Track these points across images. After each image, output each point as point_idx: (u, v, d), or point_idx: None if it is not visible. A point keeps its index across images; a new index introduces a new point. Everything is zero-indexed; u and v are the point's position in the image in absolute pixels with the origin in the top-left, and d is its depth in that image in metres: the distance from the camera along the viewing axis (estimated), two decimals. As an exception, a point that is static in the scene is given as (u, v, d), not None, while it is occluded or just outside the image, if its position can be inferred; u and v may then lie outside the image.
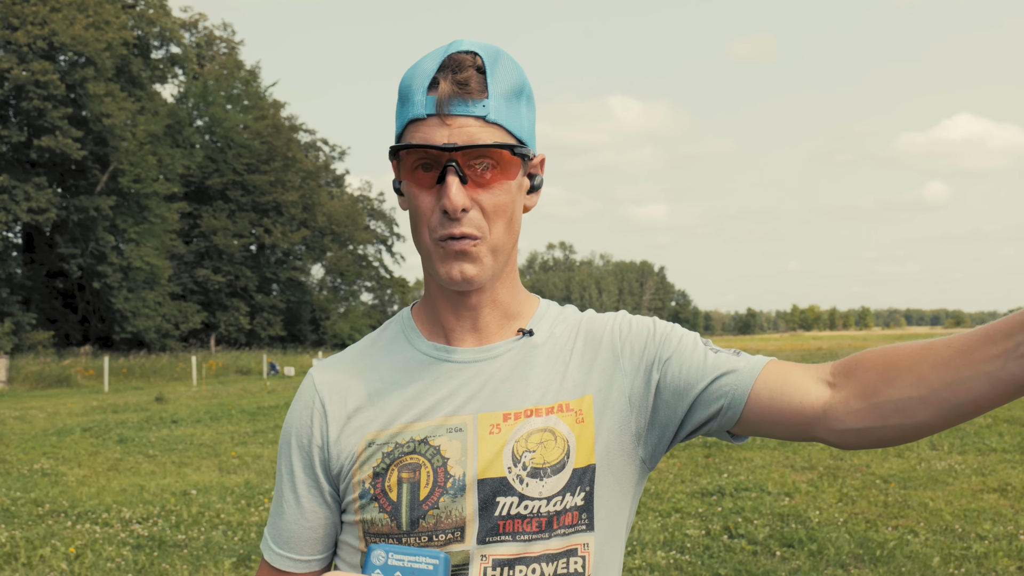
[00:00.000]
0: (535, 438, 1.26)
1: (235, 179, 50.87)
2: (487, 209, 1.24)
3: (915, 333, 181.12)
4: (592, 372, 1.32)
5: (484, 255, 1.26)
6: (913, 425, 1.12)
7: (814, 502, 8.53)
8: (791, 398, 1.21)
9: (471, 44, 1.25)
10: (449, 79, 1.21)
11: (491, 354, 1.33)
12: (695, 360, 1.28)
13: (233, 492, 9.70)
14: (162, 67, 47.16)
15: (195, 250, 50.32)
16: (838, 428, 1.17)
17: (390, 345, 1.39)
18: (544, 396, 1.29)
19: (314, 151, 62.20)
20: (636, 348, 1.32)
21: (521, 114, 1.26)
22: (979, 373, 1.05)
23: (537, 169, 1.33)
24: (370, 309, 66.66)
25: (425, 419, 1.29)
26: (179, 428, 16.26)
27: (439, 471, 1.26)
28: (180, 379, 34.26)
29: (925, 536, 7.16)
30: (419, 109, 1.22)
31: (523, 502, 1.24)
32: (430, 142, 1.21)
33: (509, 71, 1.25)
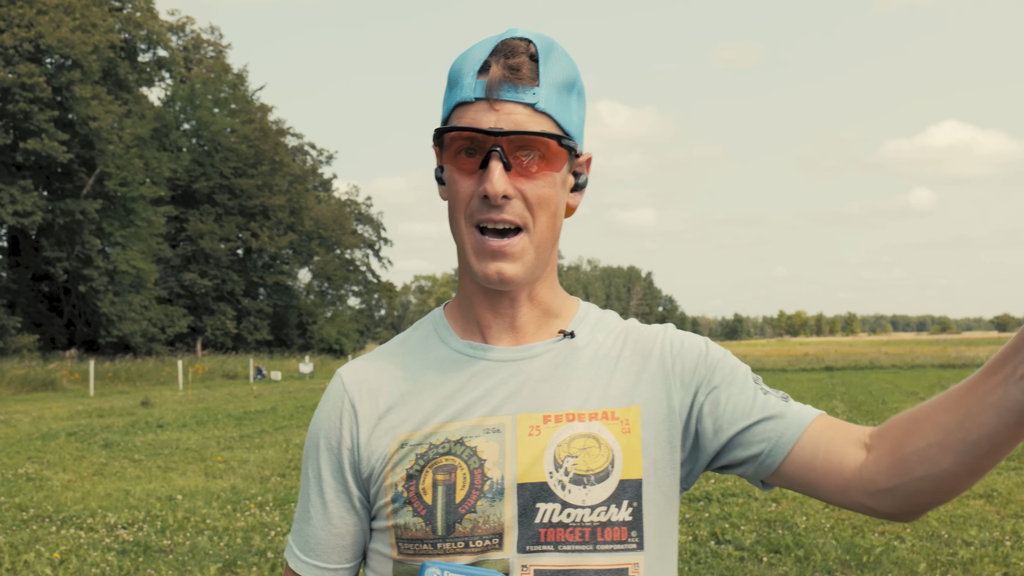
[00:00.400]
0: (578, 443, 1.21)
1: (222, 183, 50.74)
2: (530, 199, 1.20)
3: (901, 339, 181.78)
4: (640, 383, 1.27)
5: (526, 251, 1.22)
6: (938, 475, 1.09)
7: (801, 508, 8.54)
8: (832, 457, 1.18)
9: (526, 32, 1.22)
10: (501, 63, 1.18)
11: (529, 353, 1.28)
12: (744, 396, 1.25)
13: (219, 497, 9.66)
14: (149, 70, 47.02)
15: (182, 254, 50.15)
16: (870, 490, 1.15)
17: (422, 344, 1.34)
18: (587, 401, 1.24)
19: (301, 155, 62.11)
20: (687, 366, 1.28)
21: (571, 108, 1.23)
22: (985, 406, 1.04)
23: (583, 168, 1.29)
24: (357, 314, 66.56)
25: (461, 419, 1.24)
26: (165, 433, 16.19)
27: (476, 473, 1.20)
28: (166, 383, 34.12)
29: (911, 542, 7.17)
30: (467, 92, 1.19)
31: (565, 509, 1.19)
32: (476, 125, 1.18)
33: (562, 63, 1.22)
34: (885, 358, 47.22)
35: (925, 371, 38.37)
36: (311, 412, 20.39)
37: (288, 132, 59.29)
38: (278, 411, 20.75)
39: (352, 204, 66.93)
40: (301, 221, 54.99)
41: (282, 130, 58.03)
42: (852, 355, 52.67)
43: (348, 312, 63.70)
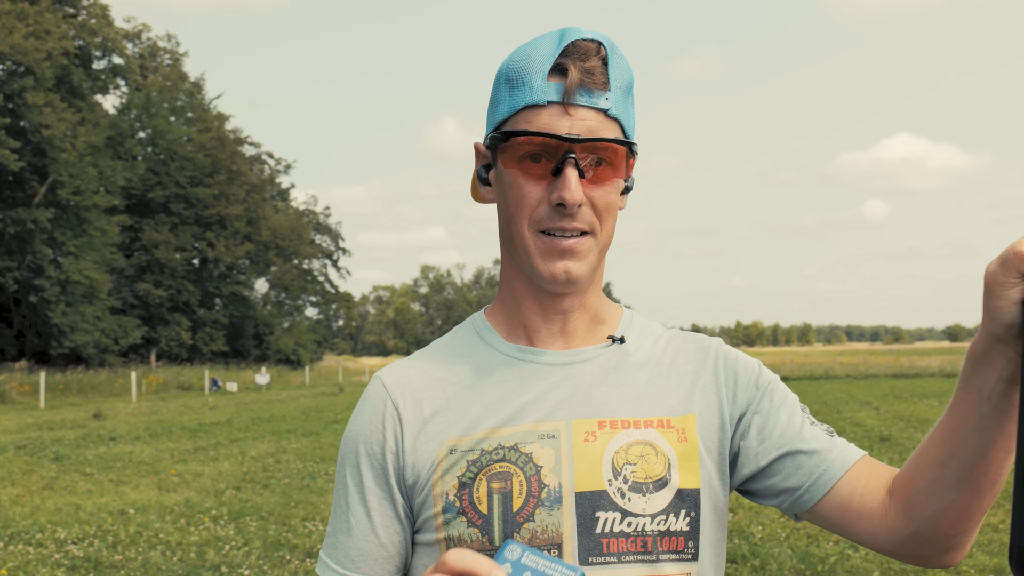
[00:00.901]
0: (635, 450, 1.18)
1: (178, 192, 50.25)
2: (599, 206, 1.18)
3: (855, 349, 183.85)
4: (694, 392, 1.25)
5: (591, 251, 1.20)
6: (949, 507, 1.09)
7: (757, 518, 8.58)
8: (866, 502, 1.17)
9: (591, 32, 1.18)
10: (578, 67, 1.14)
11: (580, 358, 1.25)
12: (792, 423, 1.23)
13: (172, 511, 9.53)
14: (104, 78, 46.45)
15: (136, 264, 49.58)
16: (897, 537, 1.14)
17: (464, 348, 1.30)
18: (641, 408, 1.22)
19: (259, 164, 61.69)
20: (740, 382, 1.26)
21: (631, 112, 1.21)
22: (968, 432, 1.04)
23: (631, 171, 1.27)
24: (315, 324, 66.16)
25: (513, 424, 1.20)
26: (117, 445, 15.96)
27: (532, 480, 1.16)
28: (119, 395, 33.66)
29: (864, 552, 7.23)
30: (539, 95, 1.15)
31: (626, 518, 1.15)
32: (551, 131, 1.14)
33: (624, 65, 1.20)
34: (840, 368, 47.75)
35: (879, 381, 38.86)
36: (267, 424, 20.23)
37: (245, 141, 58.90)
38: (234, 423, 20.53)
39: (310, 214, 66.57)
40: (258, 231, 54.59)
41: (239, 139, 57.62)
42: (808, 365, 53.19)
43: (306, 323, 63.29)
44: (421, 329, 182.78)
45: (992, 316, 0.95)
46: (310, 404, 28.17)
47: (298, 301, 62.70)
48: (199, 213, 51.28)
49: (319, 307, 67.82)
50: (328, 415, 22.99)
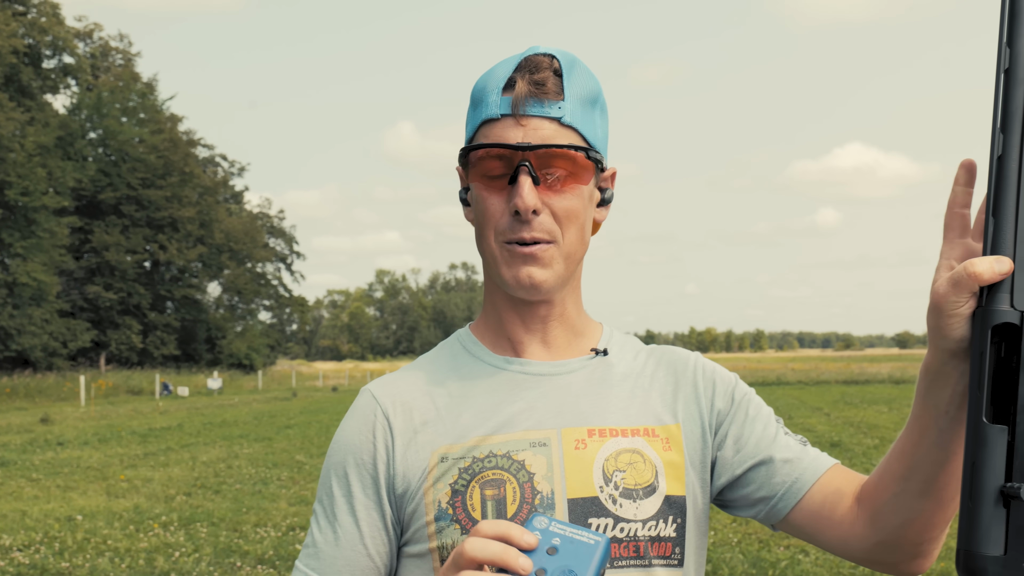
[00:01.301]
0: (624, 458, 1.21)
1: (129, 193, 49.67)
2: (559, 213, 1.19)
3: (807, 355, 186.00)
4: (677, 402, 1.29)
5: (555, 260, 1.21)
6: (913, 517, 1.11)
7: (708, 522, 8.64)
8: (836, 509, 1.19)
9: (549, 48, 1.23)
10: (526, 79, 1.18)
11: (566, 368, 1.28)
12: (767, 433, 1.26)
13: (121, 517, 9.39)
14: (54, 77, 45.83)
15: (86, 266, 48.92)
16: (866, 544, 1.16)
17: (451, 361, 1.32)
18: (627, 417, 1.25)
19: (212, 166, 61.17)
20: (718, 393, 1.30)
21: (595, 122, 1.23)
22: (929, 446, 1.06)
23: (608, 183, 1.29)
24: (268, 328, 65.66)
25: (504, 432, 1.22)
26: (65, 450, 15.72)
27: (526, 487, 1.18)
28: (67, 399, 33.16)
29: (815, 556, 7.30)
30: (493, 109, 1.19)
31: (619, 524, 1.17)
32: (503, 141, 1.18)
33: (586, 77, 1.23)
34: (792, 374, 48.30)
35: (830, 387, 39.30)
36: (219, 429, 20.04)
37: (199, 143, 58.37)
38: (185, 428, 20.31)
39: (264, 217, 66.12)
40: (211, 234, 54.11)
41: (193, 141, 57.10)
42: (760, 371, 53.72)
43: (259, 327, 62.81)
44: (376, 334, 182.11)
45: (943, 334, 0.95)
46: (263, 409, 27.94)
47: (251, 305, 62.26)
48: (151, 215, 50.73)
49: (272, 311, 67.35)
50: (281, 420, 22.82)
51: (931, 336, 0.97)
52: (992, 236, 0.90)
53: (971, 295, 0.92)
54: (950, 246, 0.97)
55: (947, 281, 0.92)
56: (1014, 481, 0.87)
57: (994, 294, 0.91)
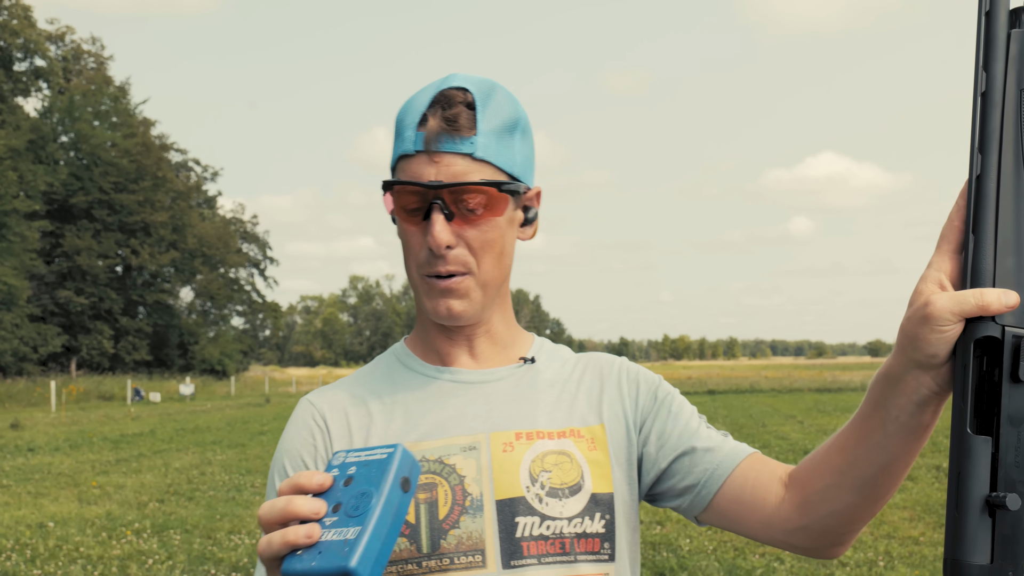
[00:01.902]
0: (551, 459, 1.25)
1: (101, 198, 49.29)
2: (474, 245, 1.23)
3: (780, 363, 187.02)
4: (601, 404, 1.33)
5: (472, 290, 1.26)
6: (843, 509, 1.14)
7: (684, 530, 8.67)
8: (756, 493, 1.23)
9: (464, 79, 1.25)
10: (438, 115, 1.21)
11: (494, 376, 1.33)
12: (688, 427, 1.31)
13: (93, 524, 9.32)
14: (25, 80, 45.44)
15: (57, 270, 48.48)
16: (787, 528, 1.20)
17: (386, 372, 1.37)
18: (553, 420, 1.29)
19: (185, 171, 60.82)
20: (642, 393, 1.35)
21: (514, 149, 1.25)
22: (870, 447, 1.08)
23: (532, 202, 1.32)
24: (241, 334, 65.30)
25: (435, 437, 1.27)
26: (36, 456, 15.58)
27: (456, 489, 1.23)
28: (37, 405, 32.84)
29: (790, 563, 7.35)
30: (408, 145, 1.23)
31: (545, 522, 1.22)
32: (418, 179, 1.21)
33: (502, 106, 1.25)
34: (765, 382, 48.49)
35: (802, 395, 39.55)
36: (192, 435, 19.91)
37: (172, 147, 58.02)
38: (157, 434, 20.17)
39: (237, 222, 65.76)
40: (184, 238, 53.77)
41: (165, 145, 56.75)
42: (733, 379, 53.94)
43: (232, 332, 62.46)
44: (349, 340, 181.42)
45: (919, 345, 0.96)
46: (236, 415, 27.78)
47: (224, 310, 61.89)
48: (123, 219, 50.37)
49: (245, 316, 66.98)
50: (254, 426, 22.70)
51: (904, 344, 0.98)
52: (973, 253, 0.93)
53: (962, 317, 0.93)
54: (942, 259, 0.97)
55: (951, 300, 0.92)
56: (999, 491, 0.88)
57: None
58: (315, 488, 0.95)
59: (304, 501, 0.93)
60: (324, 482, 0.95)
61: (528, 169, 1.29)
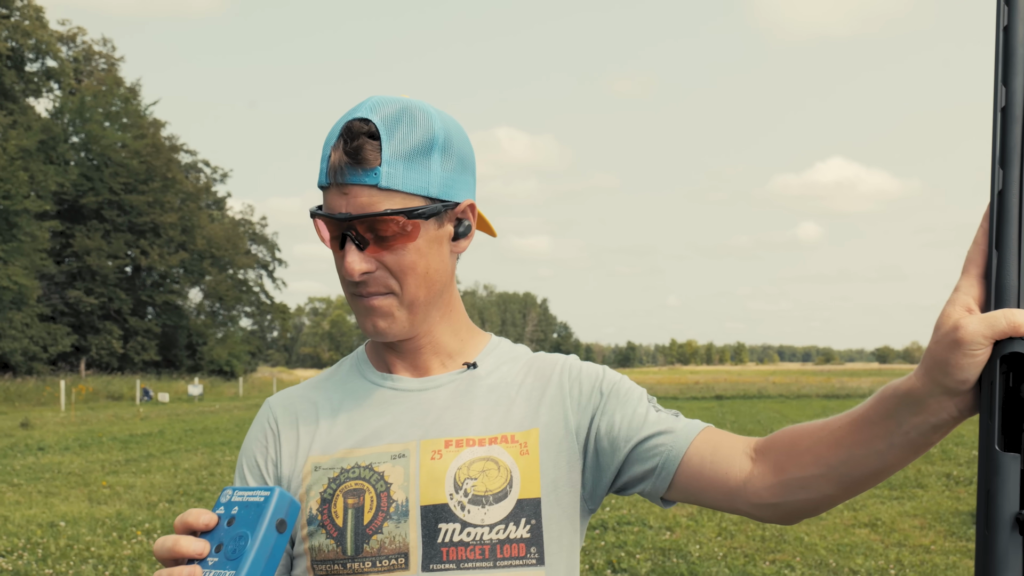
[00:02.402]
0: (477, 466, 1.28)
1: (111, 198, 49.41)
2: (393, 269, 1.26)
3: (787, 369, 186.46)
4: (540, 407, 1.35)
5: (395, 310, 1.29)
6: (820, 498, 1.17)
7: (694, 536, 8.67)
8: (718, 467, 1.24)
9: (372, 106, 1.26)
10: (340, 149, 1.23)
11: (434, 384, 1.36)
12: (637, 415, 1.32)
13: (104, 524, 9.35)
14: (37, 80, 45.59)
15: (67, 270, 48.61)
16: (756, 502, 1.21)
17: (345, 375, 1.43)
18: (487, 426, 1.32)
19: (195, 172, 60.92)
20: (584, 391, 1.36)
21: (430, 170, 1.26)
22: (869, 452, 1.09)
23: (465, 215, 1.33)
24: (249, 335, 65.37)
25: (368, 445, 1.32)
26: (46, 456, 15.63)
27: (382, 496, 1.27)
28: (47, 404, 32.94)
29: (801, 570, 7.34)
30: (321, 178, 1.27)
31: (465, 528, 1.25)
32: (331, 210, 1.25)
33: (412, 130, 1.25)
34: (773, 387, 48.40)
35: (811, 401, 39.43)
36: (200, 435, 19.96)
37: (182, 148, 58.13)
38: (166, 434, 20.21)
39: (246, 223, 65.87)
40: (193, 239, 53.86)
41: (175, 146, 56.87)
42: (741, 384, 53.82)
43: (240, 333, 62.51)
44: (356, 342, 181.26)
45: (949, 371, 0.95)
46: (244, 416, 27.81)
47: (232, 311, 61.96)
48: (132, 220, 50.49)
49: (254, 318, 67.05)
50: (263, 428, 22.70)
51: (932, 368, 0.97)
52: (997, 269, 0.93)
53: (993, 340, 0.93)
54: (969, 282, 0.96)
55: (982, 323, 0.92)
56: None
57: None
58: (201, 528, 1.03)
59: (189, 542, 1.01)
60: (209, 522, 1.03)
61: (453, 185, 1.29)
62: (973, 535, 8.78)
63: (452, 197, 1.30)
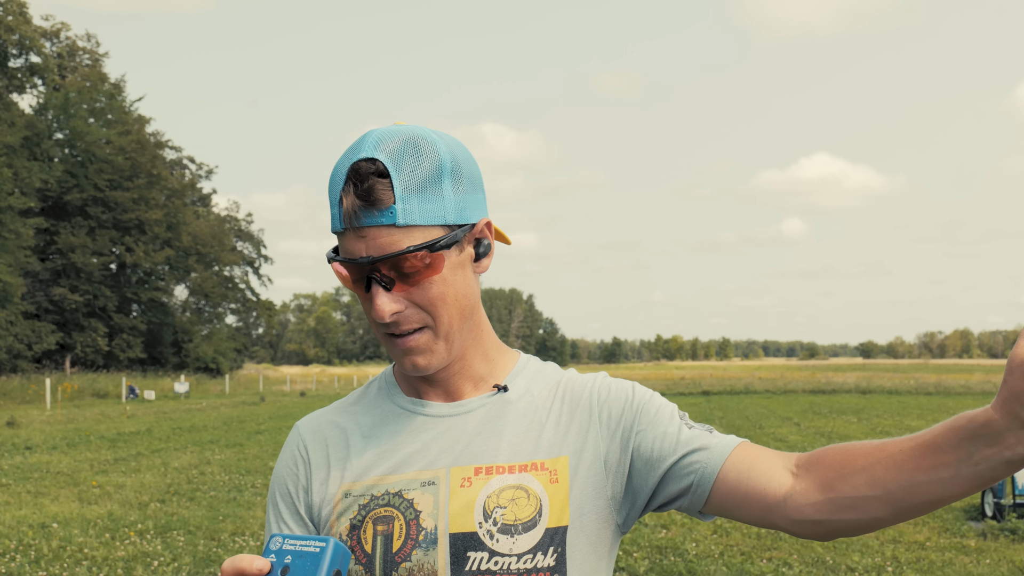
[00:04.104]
0: (507, 494, 1.27)
1: (96, 195, 49.14)
2: (423, 304, 1.25)
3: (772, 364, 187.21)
4: (568, 434, 1.33)
5: (432, 343, 1.28)
6: (868, 520, 1.15)
7: (690, 534, 8.66)
8: (756, 482, 1.23)
9: (375, 143, 1.23)
10: (351, 193, 1.21)
11: (464, 409, 1.35)
12: (669, 433, 1.30)
13: (96, 524, 9.28)
14: (20, 76, 45.26)
15: (51, 268, 48.33)
16: (796, 518, 1.20)
17: (374, 399, 1.42)
18: (517, 453, 1.31)
19: (180, 169, 60.69)
20: (613, 413, 1.34)
21: (443, 197, 1.24)
22: (932, 479, 1.07)
23: (483, 233, 1.31)
24: (235, 332, 65.18)
25: (399, 472, 1.31)
26: (33, 455, 15.52)
27: (411, 524, 1.27)
28: (32, 402, 32.75)
29: (799, 568, 7.34)
30: (336, 223, 1.25)
31: (493, 558, 1.24)
32: (350, 255, 1.23)
33: (419, 162, 1.23)
34: (759, 383, 48.54)
35: (797, 396, 39.61)
36: (188, 434, 19.88)
37: (167, 145, 57.90)
38: (154, 432, 20.12)
39: (232, 220, 65.65)
40: (178, 236, 53.66)
41: (160, 143, 56.62)
42: (727, 379, 54.01)
43: (226, 330, 62.32)
44: (342, 338, 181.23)
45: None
46: (231, 414, 27.73)
47: (218, 308, 61.77)
48: (117, 217, 50.24)
49: (239, 315, 66.86)
50: (251, 425, 22.66)
51: (1009, 399, 0.98)
52: None
53: None
54: None
55: None
56: None
57: None
58: (255, 574, 1.05)
59: None
60: (263, 568, 1.05)
61: (466, 208, 1.27)
62: (968, 532, 8.80)
63: (468, 219, 1.27)
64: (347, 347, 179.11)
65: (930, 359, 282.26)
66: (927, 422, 22.16)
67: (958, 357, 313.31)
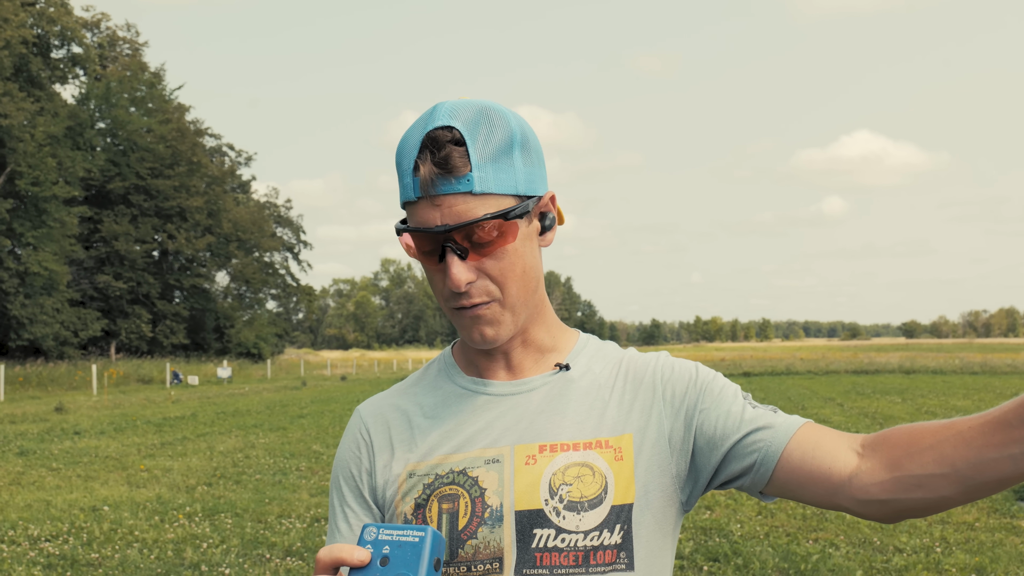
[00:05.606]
0: (572, 471, 1.27)
1: (138, 183, 49.70)
2: (494, 275, 1.25)
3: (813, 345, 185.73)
4: (632, 411, 1.33)
5: (500, 315, 1.28)
6: (936, 499, 1.14)
7: (734, 515, 8.63)
8: (821, 462, 1.22)
9: (450, 112, 1.23)
10: (428, 161, 1.21)
11: (527, 387, 1.35)
12: (733, 412, 1.30)
13: (145, 508, 9.42)
14: (63, 67, 45.81)
15: (95, 255, 48.98)
16: (862, 498, 1.19)
17: (434, 380, 1.43)
18: (581, 431, 1.31)
19: (219, 156, 61.19)
20: (677, 392, 1.34)
21: (515, 168, 1.25)
22: (1002, 456, 1.06)
23: (548, 207, 1.33)
24: (275, 317, 65.75)
25: (463, 450, 1.32)
26: (82, 440, 15.77)
27: (477, 501, 1.28)
28: (79, 388, 33.25)
29: (846, 549, 7.29)
30: (409, 192, 1.24)
31: (560, 535, 1.25)
32: (425, 224, 1.23)
33: (492, 131, 1.24)
34: (800, 364, 48.20)
35: (839, 377, 39.28)
36: (232, 418, 20.10)
37: (206, 132, 58.39)
38: (199, 417, 20.36)
39: (271, 206, 66.13)
40: (219, 223, 54.15)
41: (200, 130, 57.11)
42: (768, 360, 53.67)
43: (266, 316, 62.89)
44: (381, 323, 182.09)
45: None
46: (274, 398, 28.00)
47: (259, 294, 62.32)
48: (159, 205, 50.78)
49: (280, 300, 67.42)
50: (293, 409, 22.86)
51: None
52: None
53: None
54: None
55: None
56: None
57: None
58: (355, 564, 1.07)
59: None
60: (364, 558, 1.07)
61: (534, 180, 1.29)
62: (1018, 512, 8.70)
63: (536, 191, 1.28)
64: (386, 331, 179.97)
65: (975, 338, 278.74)
66: (973, 402, 21.91)
67: (1004, 336, 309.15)
